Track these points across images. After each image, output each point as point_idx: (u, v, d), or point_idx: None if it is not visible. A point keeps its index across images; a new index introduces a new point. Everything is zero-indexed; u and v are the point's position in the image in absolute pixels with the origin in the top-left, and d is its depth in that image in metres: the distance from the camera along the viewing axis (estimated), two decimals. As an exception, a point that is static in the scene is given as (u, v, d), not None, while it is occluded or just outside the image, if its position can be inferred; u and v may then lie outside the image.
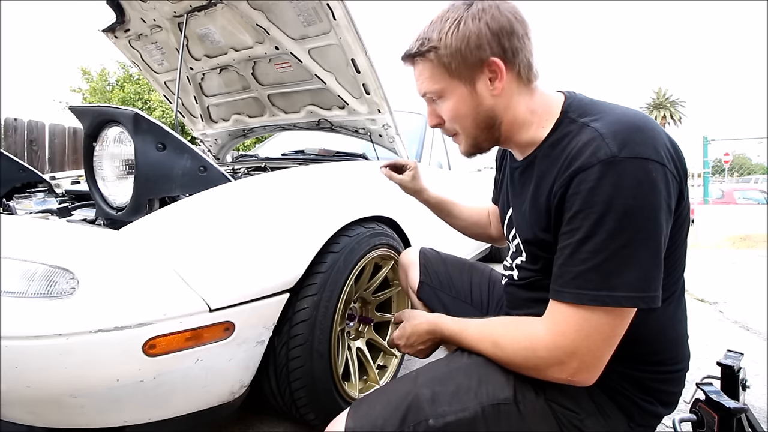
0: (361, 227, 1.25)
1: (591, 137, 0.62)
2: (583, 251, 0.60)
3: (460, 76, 0.70)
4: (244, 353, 0.94)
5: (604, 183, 0.58)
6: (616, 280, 0.58)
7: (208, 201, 0.97)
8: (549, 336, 0.62)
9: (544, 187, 0.69)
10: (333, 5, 1.40)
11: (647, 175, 0.57)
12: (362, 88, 1.62)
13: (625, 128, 0.61)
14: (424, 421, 0.66)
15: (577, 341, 0.60)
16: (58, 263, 0.78)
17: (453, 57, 0.69)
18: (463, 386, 0.70)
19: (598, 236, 0.58)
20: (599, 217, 0.58)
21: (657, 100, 35.32)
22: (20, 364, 0.73)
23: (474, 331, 0.73)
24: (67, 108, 8.14)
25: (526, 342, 0.65)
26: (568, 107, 0.71)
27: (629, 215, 0.57)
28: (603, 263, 0.58)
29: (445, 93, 0.73)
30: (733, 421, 0.86)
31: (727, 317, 2.50)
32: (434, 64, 0.71)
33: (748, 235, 6.40)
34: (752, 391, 1.38)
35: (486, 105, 0.72)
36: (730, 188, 10.77)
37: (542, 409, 0.68)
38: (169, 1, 1.67)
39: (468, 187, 2.31)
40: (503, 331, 0.69)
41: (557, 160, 0.67)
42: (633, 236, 0.57)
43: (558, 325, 0.62)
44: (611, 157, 0.58)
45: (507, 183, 0.88)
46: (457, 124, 0.76)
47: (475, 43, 0.67)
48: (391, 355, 1.47)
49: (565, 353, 0.61)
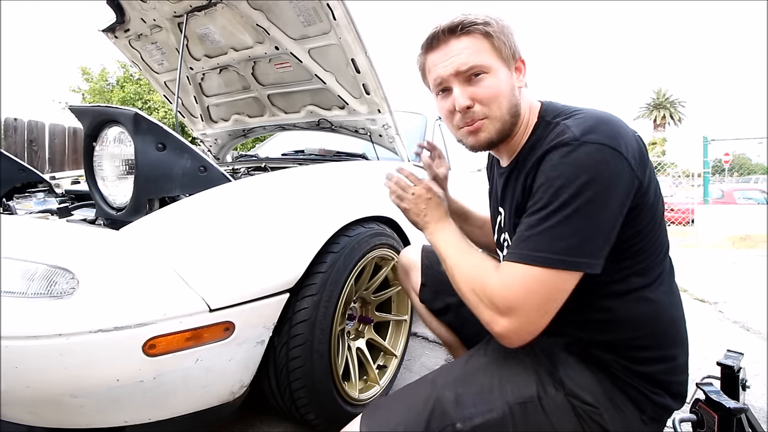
0: (361, 227, 1.25)
1: (560, 130, 0.69)
2: (537, 218, 0.65)
3: (505, 60, 0.75)
4: (244, 353, 0.94)
5: (564, 161, 0.64)
6: (558, 244, 0.63)
7: (208, 201, 0.97)
8: (498, 283, 0.66)
9: (524, 180, 0.74)
10: (333, 5, 1.40)
11: (604, 158, 0.63)
12: (362, 88, 1.62)
13: (591, 120, 0.67)
14: (451, 426, 0.65)
15: (519, 295, 0.64)
16: (58, 263, 0.78)
17: (504, 39, 0.74)
18: (486, 386, 0.69)
19: (551, 206, 0.64)
20: (556, 190, 0.64)
21: (657, 100, 35.31)
22: (20, 364, 0.73)
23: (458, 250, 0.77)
24: (67, 108, 8.14)
25: (482, 277, 0.69)
26: (544, 112, 0.77)
27: (582, 190, 0.62)
28: (549, 229, 0.63)
29: (491, 69, 0.74)
30: (733, 421, 0.86)
31: (727, 317, 2.50)
32: (486, 39, 0.73)
33: (748, 235, 6.39)
34: (752, 391, 1.38)
35: (517, 93, 0.77)
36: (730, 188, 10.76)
37: (563, 405, 0.69)
38: (169, 1, 1.67)
39: (468, 187, 2.31)
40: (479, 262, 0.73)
41: (533, 158, 0.71)
42: (582, 207, 0.62)
43: (505, 278, 0.66)
44: (573, 140, 0.65)
45: (494, 189, 0.91)
46: (493, 106, 0.74)
47: (513, 39, 0.76)
48: (391, 355, 1.47)
49: (506, 305, 0.64)
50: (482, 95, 0.74)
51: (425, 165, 1.06)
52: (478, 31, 0.73)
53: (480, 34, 0.73)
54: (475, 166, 2.48)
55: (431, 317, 1.10)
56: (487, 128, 0.76)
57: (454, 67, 0.73)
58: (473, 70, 0.73)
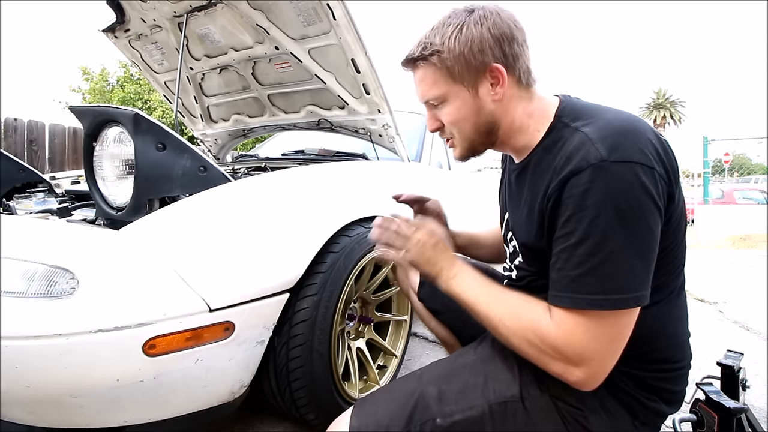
0: (361, 227, 1.25)
1: (581, 141, 0.63)
2: (578, 254, 0.60)
3: (463, 81, 0.71)
4: (244, 353, 0.94)
5: (595, 186, 0.59)
6: (611, 283, 0.59)
7: (208, 201, 0.97)
8: (559, 333, 0.61)
9: (538, 192, 0.70)
10: (333, 5, 1.40)
11: (636, 178, 0.59)
12: (362, 88, 1.62)
13: (614, 132, 0.62)
14: (431, 420, 0.66)
15: (586, 343, 0.60)
16: (58, 263, 0.78)
17: (456, 61, 0.69)
18: (470, 384, 0.70)
19: (591, 239, 0.59)
20: (592, 220, 0.59)
21: (657, 100, 35.31)
22: (20, 364, 0.73)
23: (487, 293, 0.70)
24: (67, 108, 8.14)
25: (538, 324, 0.63)
26: (561, 111, 0.72)
27: (621, 217, 0.58)
28: (598, 266, 0.59)
29: (447, 97, 0.73)
30: (733, 421, 0.86)
31: (727, 317, 2.50)
32: (437, 68, 0.71)
33: (748, 235, 6.40)
34: (752, 391, 1.38)
35: (487, 110, 0.72)
36: (730, 188, 10.77)
37: (547, 406, 0.69)
38: (169, 1, 1.67)
39: (468, 188, 2.31)
40: (523, 307, 0.66)
41: (550, 165, 0.67)
42: (625, 238, 0.58)
43: (564, 326, 0.61)
44: (601, 161, 0.59)
45: (507, 184, 0.89)
46: (455, 128, 0.75)
47: (478, 48, 0.68)
48: (391, 355, 1.47)
49: (575, 354, 0.60)
50: (444, 120, 0.76)
51: (414, 209, 1.04)
52: (430, 61, 0.71)
53: (429, 65, 0.72)
54: (474, 166, 2.48)
55: (430, 317, 1.09)
56: (458, 145, 0.78)
57: (418, 96, 0.77)
58: (430, 101, 0.75)
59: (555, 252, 0.64)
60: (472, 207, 2.36)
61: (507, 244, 0.87)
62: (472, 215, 2.34)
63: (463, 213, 2.20)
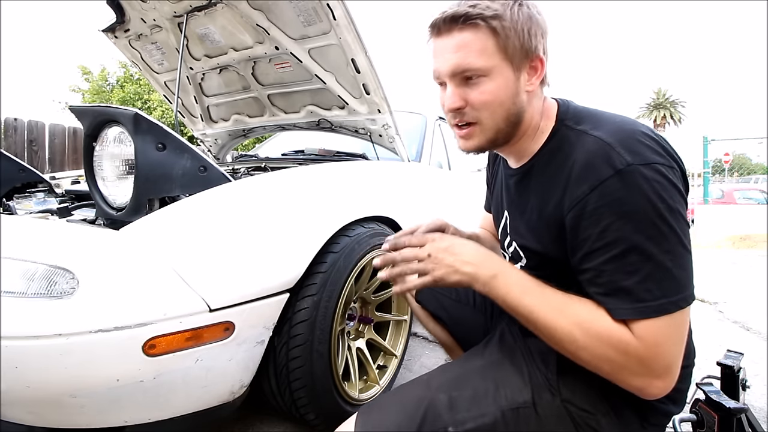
0: (361, 227, 1.25)
1: (598, 146, 0.61)
2: (629, 263, 0.58)
3: (512, 59, 0.64)
4: (244, 353, 0.94)
5: (629, 192, 0.57)
6: (670, 284, 0.57)
7: (208, 201, 0.97)
8: (642, 345, 0.58)
9: (549, 200, 0.67)
10: (333, 5, 1.40)
11: (665, 178, 0.58)
12: (362, 88, 1.62)
13: (629, 135, 0.61)
14: (443, 429, 0.64)
15: (671, 350, 0.58)
16: (58, 263, 0.78)
17: (516, 34, 0.63)
18: (481, 390, 0.68)
19: (640, 245, 0.57)
20: (635, 226, 0.57)
21: (657, 100, 35.29)
22: (20, 364, 0.73)
23: (545, 299, 0.63)
24: (67, 108, 8.14)
25: (618, 340, 0.58)
26: (563, 114, 0.70)
27: (663, 218, 0.57)
28: (654, 271, 0.57)
29: (491, 72, 0.64)
30: (733, 421, 0.87)
31: (727, 317, 2.50)
32: (493, 35, 0.63)
33: (748, 235, 6.40)
34: (752, 391, 1.38)
35: (521, 98, 0.67)
36: (730, 188, 10.77)
37: (559, 410, 0.68)
38: (169, 1, 1.67)
39: (468, 188, 2.31)
40: (591, 317, 0.60)
41: (560, 170, 0.65)
42: (672, 238, 0.57)
43: (647, 337, 0.58)
44: (628, 165, 0.58)
45: (500, 189, 0.87)
46: (486, 112, 0.67)
47: (534, 32, 0.64)
48: (391, 355, 1.47)
49: (664, 366, 0.58)
50: (474, 100, 0.66)
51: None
52: (485, 25, 0.62)
53: (486, 29, 0.63)
54: (475, 166, 2.48)
55: (428, 318, 1.08)
56: (476, 136, 0.69)
57: (449, 66, 0.66)
58: (467, 72, 0.65)
59: (593, 265, 0.61)
60: (472, 207, 2.36)
61: (505, 249, 0.86)
62: (472, 215, 2.34)
63: (463, 213, 2.20)
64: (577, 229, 0.62)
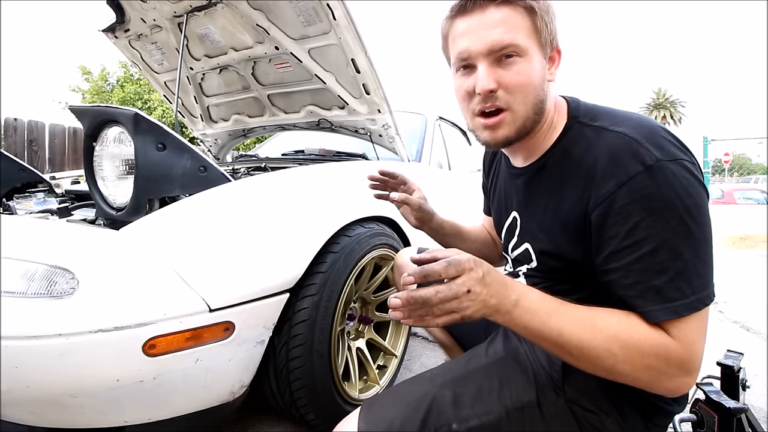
0: (361, 227, 1.25)
1: (624, 142, 0.60)
2: (658, 262, 0.56)
3: (543, 45, 0.66)
4: (244, 353, 0.94)
5: (660, 188, 0.56)
6: (699, 282, 0.57)
7: (208, 201, 0.97)
8: (682, 347, 0.57)
9: (569, 197, 0.65)
10: (333, 5, 1.40)
11: (691, 174, 0.58)
12: (362, 88, 1.62)
13: (653, 132, 0.60)
14: (447, 425, 0.63)
15: (700, 347, 0.58)
16: (58, 263, 0.78)
17: (548, 21, 0.65)
18: (485, 388, 0.68)
19: (670, 241, 0.56)
20: (666, 223, 0.56)
21: (657, 100, 35.33)
22: (20, 364, 0.73)
23: (572, 317, 0.57)
24: (67, 108, 8.13)
25: (658, 345, 0.56)
26: (575, 111, 0.69)
27: (691, 215, 0.56)
28: (684, 269, 0.56)
29: (527, 53, 0.63)
30: (733, 421, 0.87)
31: (727, 317, 2.50)
32: (530, 17, 0.63)
33: (748, 235, 6.39)
34: (752, 391, 1.38)
35: (545, 87, 0.67)
36: (730, 188, 10.78)
37: (563, 410, 0.67)
38: (169, 1, 1.67)
39: (468, 188, 2.31)
40: (626, 327, 0.57)
41: (579, 167, 0.64)
42: (699, 235, 0.57)
43: (685, 337, 0.57)
44: (657, 161, 0.57)
45: (502, 189, 0.85)
46: (518, 96, 0.64)
47: (556, 24, 0.67)
48: (391, 355, 1.47)
49: (695, 364, 0.58)
50: (510, 81, 0.63)
51: (399, 203, 0.92)
52: (524, 6, 0.62)
53: (523, 8, 0.62)
54: (475, 166, 2.48)
55: None
56: (507, 124, 0.66)
57: (486, 43, 0.62)
58: (507, 50, 0.62)
59: (621, 264, 0.59)
60: (472, 207, 2.36)
61: (508, 251, 0.84)
62: (472, 216, 2.34)
63: (463, 213, 2.20)
64: (603, 227, 0.60)
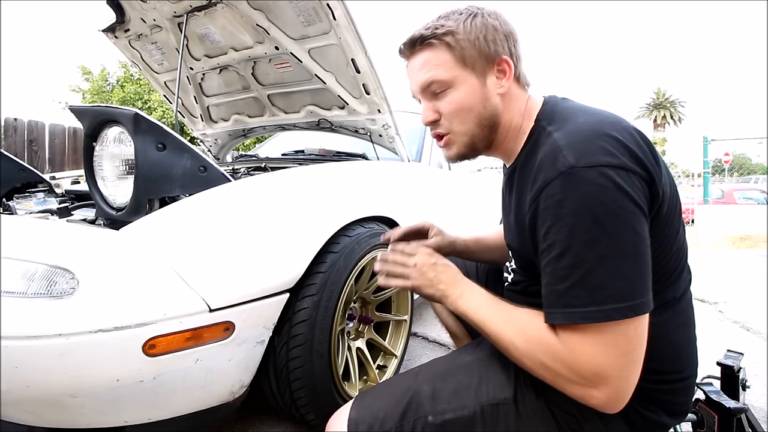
0: (361, 227, 1.25)
1: (551, 149, 0.62)
2: (562, 267, 0.58)
3: (474, 67, 0.69)
4: (244, 353, 0.94)
5: (568, 195, 0.57)
6: (602, 293, 0.55)
7: (208, 201, 0.97)
8: (565, 349, 0.58)
9: (522, 200, 0.69)
10: (333, 5, 1.40)
11: (610, 181, 0.56)
12: (362, 88, 1.62)
13: (582, 137, 0.60)
14: (423, 418, 0.67)
15: (599, 358, 0.56)
16: (58, 263, 0.78)
17: (471, 44, 0.68)
18: (464, 384, 0.70)
19: (573, 249, 0.56)
20: (570, 230, 0.57)
21: (657, 100, 35.29)
22: (20, 364, 0.73)
23: (496, 311, 0.67)
24: (67, 108, 8.14)
25: (547, 345, 0.60)
26: (541, 114, 0.72)
27: (599, 223, 0.55)
28: (585, 277, 0.56)
29: (454, 83, 0.70)
30: (733, 421, 0.87)
31: (727, 317, 2.50)
32: (448, 49, 0.69)
33: (748, 235, 6.40)
34: (752, 391, 1.38)
35: (492, 102, 0.71)
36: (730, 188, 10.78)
37: (542, 410, 0.68)
38: (169, 1, 1.67)
39: (468, 188, 2.31)
40: (530, 325, 0.63)
41: (530, 172, 0.66)
42: (608, 245, 0.55)
43: (571, 344, 0.58)
44: (569, 168, 0.57)
45: (502, 190, 0.89)
46: (457, 120, 0.72)
47: (492, 37, 0.69)
48: (391, 355, 1.47)
49: (591, 373, 0.57)
50: (445, 110, 0.72)
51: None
52: (440, 43, 0.69)
53: (441, 45, 0.69)
54: (474, 166, 2.48)
55: (441, 307, 1.08)
56: (455, 144, 0.75)
57: (417, 84, 0.73)
58: (433, 86, 0.71)
59: (542, 266, 0.62)
60: (472, 207, 2.36)
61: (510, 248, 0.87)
62: (472, 216, 2.34)
63: (463, 213, 2.20)
64: (533, 230, 0.64)
